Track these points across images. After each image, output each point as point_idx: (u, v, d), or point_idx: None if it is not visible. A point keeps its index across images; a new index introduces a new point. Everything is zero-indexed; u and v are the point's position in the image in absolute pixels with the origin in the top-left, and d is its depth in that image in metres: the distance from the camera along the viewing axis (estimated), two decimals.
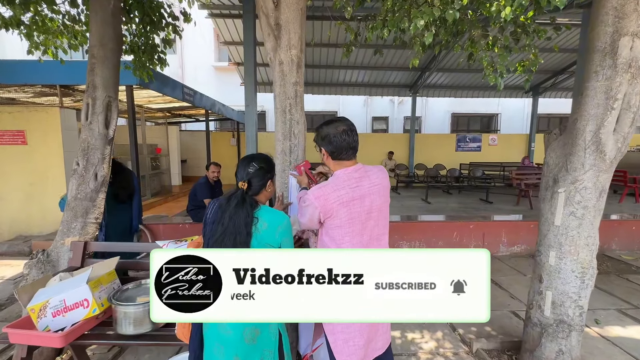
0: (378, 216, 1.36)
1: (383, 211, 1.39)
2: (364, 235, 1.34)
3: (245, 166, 1.35)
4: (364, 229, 1.33)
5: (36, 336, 1.63)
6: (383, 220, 1.40)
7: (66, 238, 2.22)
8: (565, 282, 1.82)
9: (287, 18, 1.75)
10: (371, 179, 1.36)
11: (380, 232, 1.39)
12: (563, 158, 1.81)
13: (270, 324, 1.33)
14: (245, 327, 1.27)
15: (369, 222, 1.34)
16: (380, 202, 1.37)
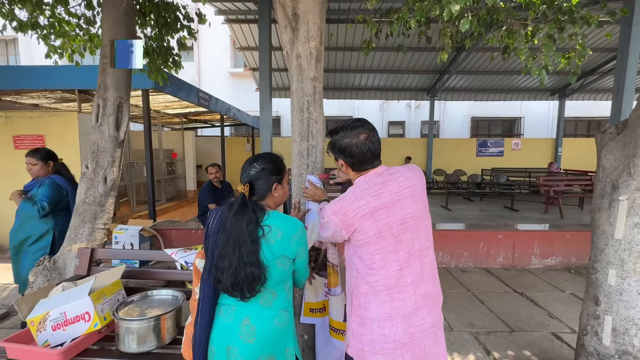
0: (416, 227, 1.13)
1: (423, 219, 1.16)
2: (400, 252, 1.10)
3: (247, 167, 1.19)
4: (398, 244, 1.10)
5: (34, 352, 1.51)
6: (424, 231, 1.16)
7: (73, 244, 2.12)
8: (629, 306, 1.55)
9: (305, 7, 1.60)
10: (399, 181, 1.14)
11: (422, 246, 1.14)
12: (624, 160, 1.56)
13: (287, 350, 1.17)
14: (261, 355, 1.10)
15: (405, 235, 1.11)
16: (415, 208, 1.13)
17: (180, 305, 1.71)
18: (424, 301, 1.14)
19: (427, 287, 1.15)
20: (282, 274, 1.13)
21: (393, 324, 1.10)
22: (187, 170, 8.27)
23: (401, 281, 1.11)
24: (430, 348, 1.15)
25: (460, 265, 4.01)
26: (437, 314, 1.19)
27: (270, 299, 1.14)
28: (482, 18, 1.95)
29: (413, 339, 1.11)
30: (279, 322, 1.14)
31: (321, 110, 1.76)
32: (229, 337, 1.11)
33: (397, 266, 1.10)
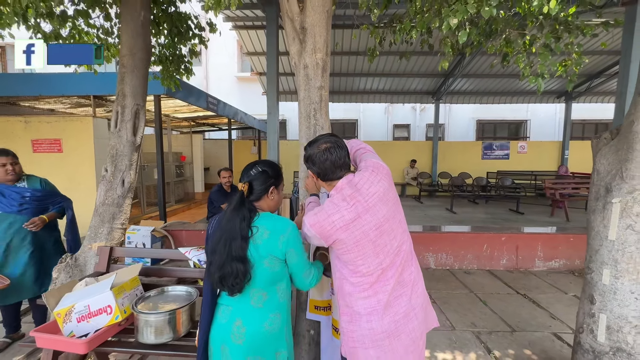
0: (391, 226, 1.18)
1: (395, 216, 1.21)
2: (380, 255, 1.17)
3: (248, 169, 1.28)
4: (377, 247, 1.17)
5: (61, 341, 1.62)
6: (399, 227, 1.22)
7: (93, 243, 2.25)
8: (622, 305, 1.61)
9: (312, 21, 1.71)
10: (364, 190, 1.17)
11: (399, 242, 1.21)
12: (617, 165, 1.63)
13: (278, 354, 1.22)
14: (248, 356, 1.17)
15: (382, 238, 1.17)
16: (386, 210, 1.17)
17: (194, 301, 1.82)
18: (402, 289, 1.22)
19: (403, 275, 1.23)
20: (271, 274, 1.18)
21: (379, 317, 1.18)
22: (195, 172, 8.44)
23: (382, 277, 1.20)
24: (416, 331, 1.23)
25: (464, 267, 4.06)
26: (417, 295, 1.25)
27: (260, 300, 1.19)
28: (481, 27, 2.04)
29: (398, 326, 1.19)
30: (269, 325, 1.18)
31: (327, 117, 1.86)
32: (223, 336, 1.19)
33: (379, 266, 1.18)
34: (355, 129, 12.49)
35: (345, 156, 1.23)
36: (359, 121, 12.34)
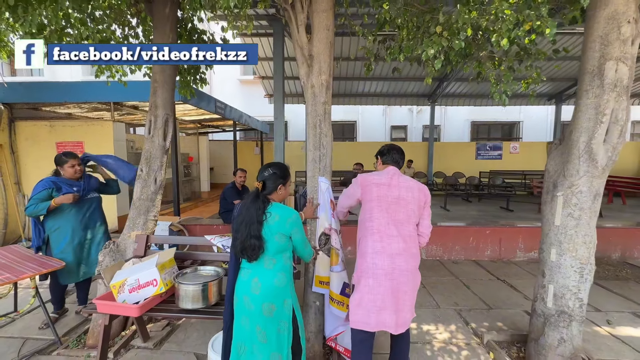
0: (404, 206, 1.79)
1: (409, 206, 1.80)
2: (389, 212, 1.78)
3: (262, 170, 1.70)
4: (388, 208, 1.79)
5: (118, 306, 2.04)
6: (407, 212, 1.80)
7: (132, 232, 2.66)
8: (565, 277, 2.02)
9: (318, 50, 2.12)
10: (402, 179, 1.85)
11: (402, 218, 1.79)
12: (561, 165, 2.04)
13: (285, 301, 1.62)
14: (264, 303, 1.57)
15: (394, 206, 1.78)
16: (407, 198, 1.80)
17: (221, 277, 2.23)
18: (403, 252, 1.75)
19: (406, 245, 1.77)
20: (278, 246, 1.59)
21: (382, 258, 1.73)
22: (201, 172, 8.84)
23: (387, 230, 1.78)
24: (404, 285, 1.74)
25: (452, 257, 4.47)
26: (413, 266, 1.79)
27: (271, 264, 1.61)
28: (457, 52, 2.45)
29: (394, 272, 1.72)
30: (277, 281, 1.59)
31: (329, 126, 2.27)
32: (245, 289, 1.60)
33: (385, 220, 1.78)
34: (354, 130, 12.90)
35: (400, 158, 1.95)
36: (357, 122, 12.75)
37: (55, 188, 2.60)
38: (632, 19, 1.73)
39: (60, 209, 2.63)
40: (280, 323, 1.61)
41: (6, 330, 2.65)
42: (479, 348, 2.47)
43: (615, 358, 2.35)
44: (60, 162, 2.68)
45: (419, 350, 2.41)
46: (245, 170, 4.69)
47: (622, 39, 1.75)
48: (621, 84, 1.79)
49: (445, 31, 2.06)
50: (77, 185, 2.71)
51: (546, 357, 2.06)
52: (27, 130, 5.05)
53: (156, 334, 2.62)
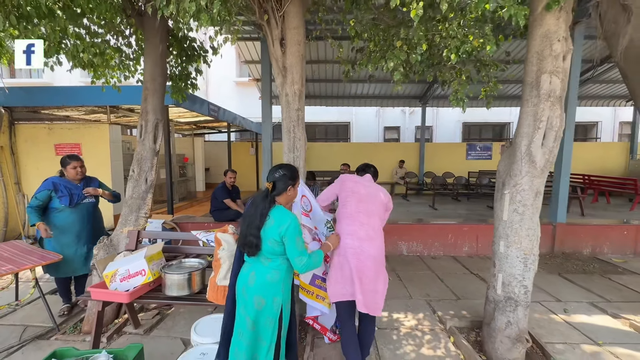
0: (373, 201, 2.15)
1: (376, 202, 2.16)
2: (360, 203, 2.12)
3: (273, 172, 1.78)
4: (360, 200, 2.13)
5: (110, 294, 2.26)
6: (375, 206, 2.15)
7: (124, 228, 2.88)
8: (512, 266, 2.26)
9: (291, 62, 2.35)
10: (367, 183, 2.23)
11: (371, 210, 2.12)
12: (508, 166, 2.27)
13: (275, 298, 1.73)
14: (255, 295, 1.71)
15: (365, 198, 2.14)
16: (376, 196, 2.17)
17: (204, 268, 2.46)
18: (370, 239, 2.07)
19: (374, 234, 2.06)
20: (272, 249, 1.68)
21: (352, 239, 2.05)
22: (197, 173, 9.05)
23: (358, 217, 2.08)
24: (367, 270, 2.00)
25: (431, 253, 4.71)
26: (378, 254, 2.05)
27: (266, 262, 1.76)
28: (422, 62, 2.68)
29: (362, 254, 2.01)
30: (270, 277, 1.70)
31: (303, 131, 2.50)
32: (244, 280, 1.77)
33: (357, 208, 2.10)
34: (348, 130, 13.13)
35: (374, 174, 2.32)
36: (351, 123, 12.98)
37: (53, 189, 2.79)
38: (562, 38, 1.97)
39: (59, 210, 2.81)
40: (267, 318, 1.72)
41: (8, 319, 2.87)
42: (441, 333, 2.70)
43: (563, 341, 2.58)
44: (64, 163, 2.89)
45: (386, 335, 2.64)
46: (235, 171, 4.91)
47: (554, 54, 1.98)
48: (554, 95, 2.02)
49: (405, 45, 2.29)
50: (76, 188, 2.87)
51: (496, 338, 2.29)
52: (26, 133, 5.27)
53: (147, 322, 2.85)
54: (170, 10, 1.86)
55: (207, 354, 1.99)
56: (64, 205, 2.81)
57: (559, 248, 4.65)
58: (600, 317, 2.97)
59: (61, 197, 2.80)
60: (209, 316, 2.38)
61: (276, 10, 2.26)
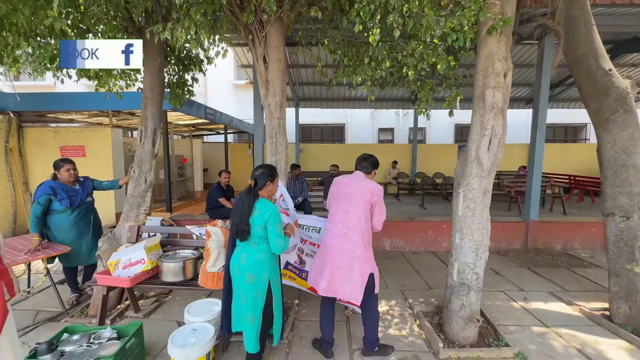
0: (352, 200, 2.30)
1: (355, 200, 2.29)
2: (340, 205, 2.33)
3: (254, 171, 2.17)
4: (340, 201, 2.35)
5: (114, 279, 2.59)
6: (354, 204, 2.29)
7: (125, 223, 3.20)
8: (465, 255, 2.57)
9: (272, 77, 2.68)
10: (359, 180, 2.36)
11: (349, 209, 2.29)
12: (462, 169, 2.59)
13: (262, 274, 2.10)
14: (246, 272, 2.08)
15: (344, 199, 2.33)
16: (356, 194, 2.29)
17: (196, 258, 2.78)
18: (343, 235, 2.29)
19: (347, 231, 2.28)
20: (259, 234, 2.09)
21: (328, 237, 2.34)
22: (195, 173, 9.38)
23: (336, 217, 2.32)
24: (339, 262, 2.26)
25: (413, 249, 5.02)
26: (350, 248, 2.27)
27: (255, 245, 2.12)
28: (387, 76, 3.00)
29: (333, 249, 2.30)
30: (258, 257, 2.10)
31: (284, 137, 2.82)
32: (236, 261, 2.13)
33: (335, 209, 2.34)
34: (343, 132, 13.45)
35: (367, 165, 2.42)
36: (346, 125, 13.30)
37: (52, 193, 3.00)
38: (502, 58, 2.28)
39: (60, 212, 3.05)
40: (257, 291, 2.08)
41: (22, 304, 3.19)
42: (409, 317, 3.02)
43: (516, 323, 2.90)
44: (57, 166, 3.09)
45: (358, 318, 2.95)
46: (229, 172, 5.24)
47: (496, 72, 2.30)
48: (497, 107, 2.34)
49: (372, 62, 2.61)
50: (72, 191, 3.10)
51: (452, 319, 2.61)
52: (34, 136, 5.60)
53: (146, 307, 3.17)
54: (165, 35, 2.18)
55: (197, 329, 2.31)
56: (64, 206, 3.02)
57: (531, 244, 4.97)
58: (556, 304, 3.29)
59: (61, 199, 3.01)
60: (200, 300, 2.71)
61: (259, 31, 2.58)
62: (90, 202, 3.29)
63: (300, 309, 3.15)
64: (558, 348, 2.55)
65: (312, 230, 2.94)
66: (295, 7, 2.44)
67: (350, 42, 2.81)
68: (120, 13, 2.99)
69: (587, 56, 2.99)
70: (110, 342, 2.17)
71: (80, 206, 3.14)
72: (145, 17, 3.06)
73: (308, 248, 2.97)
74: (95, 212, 3.37)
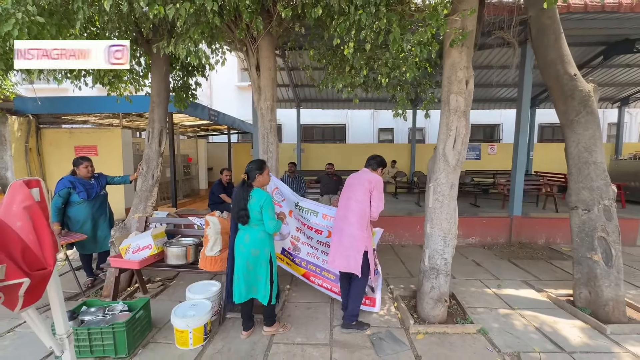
0: (352, 190, 2.70)
1: (355, 188, 2.68)
2: (345, 194, 2.74)
3: (247, 166, 2.58)
4: (344, 191, 2.77)
5: (125, 262, 2.95)
6: (354, 192, 2.67)
7: (135, 215, 3.58)
8: (435, 243, 2.87)
9: (264, 84, 3.02)
10: (362, 174, 2.73)
11: (350, 196, 2.69)
12: (432, 166, 2.89)
13: (265, 249, 2.49)
14: (252, 248, 2.46)
15: (347, 188, 2.75)
16: (356, 184, 2.69)
17: (197, 244, 3.13)
18: (345, 219, 2.70)
19: (347, 214, 2.67)
20: (257, 217, 2.46)
21: (335, 219, 2.81)
22: (200, 172, 9.79)
23: (342, 203, 2.75)
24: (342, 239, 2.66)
25: (402, 243, 5.32)
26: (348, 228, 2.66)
27: (255, 227, 2.49)
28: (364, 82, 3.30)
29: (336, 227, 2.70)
30: (259, 236, 2.48)
31: (275, 137, 3.15)
32: (241, 241, 2.50)
33: (342, 197, 2.78)
34: (344, 132, 13.76)
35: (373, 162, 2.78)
36: (347, 125, 13.60)
37: (72, 187, 3.40)
38: (464, 67, 2.58)
39: (78, 203, 3.45)
40: (261, 261, 2.49)
41: None
42: (388, 300, 3.33)
43: (485, 306, 3.19)
44: (76, 163, 3.50)
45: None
46: (230, 170, 5.59)
47: (459, 80, 2.60)
48: (460, 110, 2.64)
49: (352, 70, 2.93)
50: (89, 185, 3.50)
51: (423, 300, 2.91)
52: (50, 136, 6.04)
53: (153, 290, 3.54)
54: (169, 50, 2.54)
55: (196, 305, 2.66)
56: (82, 198, 3.43)
57: (515, 238, 5.22)
58: (526, 291, 3.57)
59: (79, 192, 3.43)
60: (200, 282, 3.06)
61: (251, 44, 2.92)
62: (104, 195, 3.68)
63: (290, 292, 3.48)
64: (518, 326, 2.83)
65: (311, 213, 3.27)
66: (283, 23, 2.78)
67: (334, 52, 3.13)
68: (131, 27, 3.35)
69: (556, 62, 3.26)
70: (122, 313, 2.54)
71: (96, 198, 3.52)
72: (152, 30, 3.43)
73: (304, 236, 3.30)
74: (108, 204, 3.76)
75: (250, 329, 2.66)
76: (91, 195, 3.48)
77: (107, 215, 3.68)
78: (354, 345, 2.55)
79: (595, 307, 3.02)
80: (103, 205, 3.67)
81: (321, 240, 3.27)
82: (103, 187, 3.65)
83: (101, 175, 3.71)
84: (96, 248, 3.62)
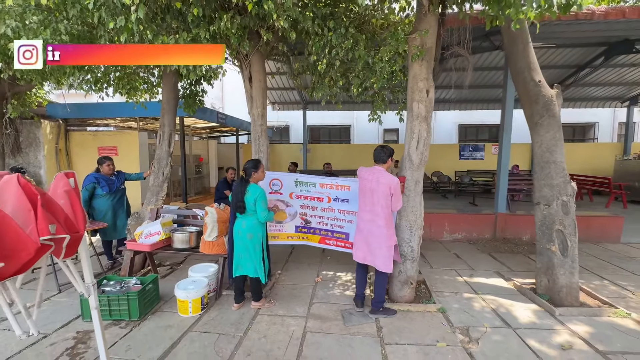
0: (374, 195, 2.84)
1: (377, 194, 2.82)
2: (366, 198, 2.90)
3: (244, 165, 3.06)
4: (365, 195, 2.91)
5: (139, 245, 3.50)
6: (377, 198, 2.81)
7: (148, 206, 4.14)
8: (402, 232, 3.26)
9: (255, 94, 3.49)
10: (379, 175, 2.83)
11: (373, 201, 2.85)
12: (402, 164, 3.28)
13: (258, 234, 2.97)
14: (247, 233, 2.94)
15: (369, 193, 2.87)
16: (377, 189, 2.81)
17: (198, 231, 3.64)
18: (370, 221, 2.91)
19: (372, 216, 2.89)
20: (252, 208, 2.94)
21: (360, 220, 3.01)
22: (210, 171, 10.44)
23: (364, 207, 2.93)
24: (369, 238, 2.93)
25: None
26: (376, 229, 2.89)
27: (251, 215, 2.96)
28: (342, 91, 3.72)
29: (364, 231, 2.95)
30: (253, 223, 2.96)
31: (266, 139, 3.62)
32: (239, 227, 2.97)
33: (364, 202, 2.93)
34: (349, 133, 14.14)
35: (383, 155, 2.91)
36: (353, 126, 13.97)
37: (96, 182, 4.03)
38: (424, 78, 2.96)
39: (101, 196, 4.07)
40: (255, 245, 2.97)
41: None
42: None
43: (452, 291, 3.54)
44: (101, 162, 4.11)
45: (325, 284, 3.71)
46: (235, 168, 6.13)
47: (419, 89, 2.98)
48: (421, 116, 3.02)
49: (331, 80, 3.36)
50: (110, 180, 4.11)
51: (393, 283, 3.30)
52: (77, 138, 6.76)
53: (162, 272, 4.09)
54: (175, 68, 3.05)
55: (196, 281, 3.17)
56: (105, 192, 4.05)
57: (500, 234, 5.49)
58: (496, 279, 3.88)
59: (102, 187, 4.04)
60: (201, 264, 3.57)
61: (244, 60, 3.41)
62: (123, 189, 4.27)
63: (280, 276, 3.95)
64: (476, 307, 3.18)
65: (310, 185, 3.70)
66: (270, 43, 3.25)
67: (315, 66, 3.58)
68: None
69: (523, 69, 3.57)
70: (135, 285, 3.07)
71: (116, 192, 4.13)
72: None
73: (310, 209, 3.73)
74: (126, 197, 4.36)
75: (241, 302, 3.15)
76: (112, 189, 4.08)
77: (125, 207, 4.27)
78: (326, 317, 2.99)
79: (552, 293, 3.32)
80: (122, 198, 4.27)
81: (324, 207, 3.68)
82: (122, 182, 4.24)
83: (120, 173, 4.31)
84: (116, 235, 4.21)
